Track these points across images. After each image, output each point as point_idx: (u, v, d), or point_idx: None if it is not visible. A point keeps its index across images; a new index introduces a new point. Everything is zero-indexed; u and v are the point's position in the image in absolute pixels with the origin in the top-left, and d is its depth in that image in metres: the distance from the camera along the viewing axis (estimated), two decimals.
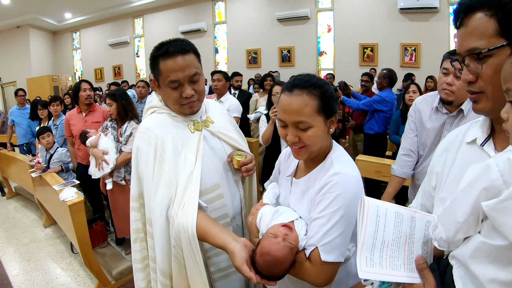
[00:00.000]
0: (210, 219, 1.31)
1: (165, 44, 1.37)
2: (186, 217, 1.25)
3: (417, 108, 2.17)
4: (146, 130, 1.40)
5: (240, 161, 1.50)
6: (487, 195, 0.67)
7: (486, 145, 0.87)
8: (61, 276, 3.27)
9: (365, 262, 0.83)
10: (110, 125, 3.27)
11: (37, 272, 3.35)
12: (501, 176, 0.64)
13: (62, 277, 3.26)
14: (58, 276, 3.28)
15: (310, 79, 1.17)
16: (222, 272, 1.52)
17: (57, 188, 2.99)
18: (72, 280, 3.20)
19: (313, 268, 1.13)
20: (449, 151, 1.00)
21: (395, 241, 0.86)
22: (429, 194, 1.08)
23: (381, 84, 4.47)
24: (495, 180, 0.65)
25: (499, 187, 0.64)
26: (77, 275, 3.27)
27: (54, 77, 12.93)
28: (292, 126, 1.16)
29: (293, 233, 1.16)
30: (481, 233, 0.71)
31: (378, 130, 4.47)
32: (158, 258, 1.34)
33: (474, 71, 0.83)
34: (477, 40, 0.80)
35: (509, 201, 0.62)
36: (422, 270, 0.85)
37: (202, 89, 1.44)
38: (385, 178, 3.28)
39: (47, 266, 3.45)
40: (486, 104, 0.84)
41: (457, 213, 0.74)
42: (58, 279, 3.22)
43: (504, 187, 0.64)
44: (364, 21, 8.46)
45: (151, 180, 1.34)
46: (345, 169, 1.16)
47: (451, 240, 0.78)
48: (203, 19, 11.00)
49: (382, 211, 0.86)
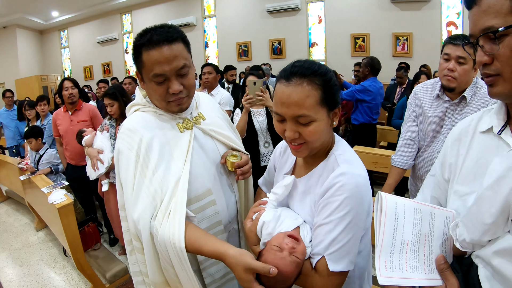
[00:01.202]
0: (200, 230, 1.17)
1: (149, 31, 1.19)
2: (173, 229, 1.11)
3: (417, 96, 2.11)
4: (128, 132, 1.25)
5: (234, 163, 1.36)
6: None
7: (504, 133, 0.80)
8: (55, 281, 3.22)
9: (384, 266, 0.77)
10: (108, 123, 3.09)
11: (30, 277, 3.29)
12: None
13: (56, 281, 3.21)
14: (52, 280, 3.22)
15: (311, 66, 1.02)
16: (217, 282, 1.38)
17: (46, 191, 2.91)
18: (66, 284, 3.15)
19: (320, 279, 1.03)
20: (462, 141, 0.94)
21: (415, 240, 0.80)
22: (443, 187, 1.01)
23: (364, 73, 4.40)
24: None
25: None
26: (71, 279, 3.22)
27: (43, 77, 12.73)
28: (291, 121, 1.02)
29: (300, 245, 1.05)
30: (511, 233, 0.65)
31: (363, 120, 4.40)
32: (150, 272, 1.21)
33: (490, 52, 0.76)
34: (493, 18, 0.74)
35: None
36: (443, 270, 0.80)
37: (191, 83, 1.27)
38: (382, 169, 3.25)
39: (41, 271, 3.39)
40: (504, 87, 0.77)
41: (483, 214, 0.68)
42: (52, 283, 3.17)
43: None
44: (355, 11, 8.37)
45: (132, 189, 1.18)
46: (352, 168, 1.03)
47: (476, 242, 0.72)
48: (192, 13, 10.85)
49: (401, 208, 0.80)
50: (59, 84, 3.71)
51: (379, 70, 4.30)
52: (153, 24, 1.24)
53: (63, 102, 3.73)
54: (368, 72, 4.31)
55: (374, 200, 0.82)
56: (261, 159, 2.94)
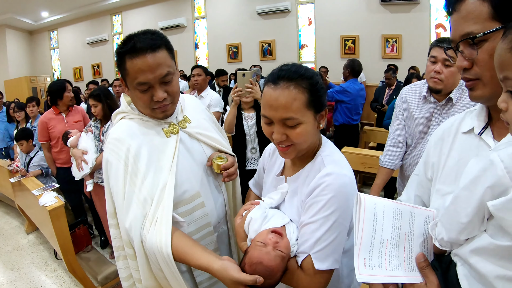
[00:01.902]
0: (188, 239, 1.18)
1: (132, 38, 1.18)
2: (160, 236, 1.13)
3: (404, 98, 2.15)
4: (115, 142, 1.24)
5: (220, 165, 1.37)
6: (492, 194, 0.63)
7: (484, 134, 0.84)
8: (46, 284, 3.20)
9: (363, 264, 0.79)
10: (93, 125, 3.15)
11: (21, 280, 3.26)
12: (508, 173, 0.60)
13: (47, 284, 3.19)
14: (43, 283, 3.20)
15: (298, 70, 1.04)
16: (208, 281, 1.41)
17: (37, 193, 2.90)
18: (57, 287, 3.14)
19: (306, 277, 1.05)
20: (444, 140, 0.97)
21: (394, 239, 0.82)
22: (426, 186, 1.04)
23: (345, 75, 4.50)
24: (501, 177, 0.61)
25: (507, 184, 0.60)
26: (62, 282, 3.21)
27: (32, 78, 12.59)
28: (278, 123, 1.04)
29: (283, 240, 1.07)
30: (487, 232, 0.67)
31: (343, 121, 4.51)
32: (143, 278, 1.23)
33: (469, 57, 0.80)
34: (472, 24, 0.78)
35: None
36: (423, 268, 0.82)
37: (175, 90, 1.28)
38: (371, 170, 3.30)
39: (32, 274, 3.36)
40: (483, 91, 0.81)
41: (459, 213, 0.70)
42: (43, 286, 3.16)
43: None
44: (345, 13, 8.43)
45: (122, 198, 1.19)
46: (338, 169, 1.06)
47: (454, 241, 0.74)
48: (182, 14, 10.81)
49: (380, 208, 0.82)
50: (60, 84, 3.61)
51: (360, 72, 4.42)
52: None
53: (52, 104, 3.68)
54: (348, 74, 4.41)
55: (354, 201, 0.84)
56: (247, 163, 2.95)
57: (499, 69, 0.68)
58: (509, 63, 0.64)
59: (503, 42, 0.66)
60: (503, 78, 0.67)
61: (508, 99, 0.66)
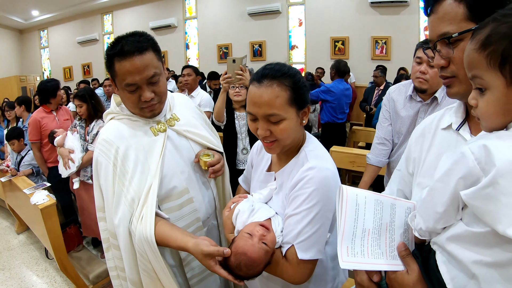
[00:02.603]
0: (169, 225, 1.25)
1: (120, 41, 1.23)
2: (145, 227, 1.20)
3: (391, 98, 2.21)
4: (104, 143, 1.30)
5: (207, 162, 1.42)
6: (465, 184, 0.66)
7: (462, 129, 0.88)
8: (38, 284, 3.19)
9: (346, 252, 0.82)
10: (78, 124, 3.22)
11: (12, 281, 3.25)
12: (478, 164, 0.64)
13: (39, 284, 3.18)
14: (34, 283, 3.20)
15: (281, 68, 1.10)
16: (198, 276, 1.46)
17: (28, 192, 2.90)
18: (48, 286, 3.14)
19: (290, 267, 1.10)
20: (425, 136, 1.01)
21: (376, 229, 0.86)
22: (407, 180, 1.08)
23: (331, 75, 4.64)
24: (472, 168, 0.65)
25: (478, 174, 0.64)
26: (53, 282, 3.20)
27: (22, 77, 12.41)
28: (262, 120, 1.10)
29: (270, 233, 1.11)
30: (463, 221, 0.71)
31: (327, 119, 4.64)
32: (126, 269, 1.30)
33: (446, 55, 0.85)
34: (448, 25, 0.83)
35: (489, 189, 0.62)
36: (404, 257, 0.85)
37: (163, 90, 1.33)
38: (359, 168, 3.36)
39: (23, 274, 3.35)
40: (459, 88, 0.86)
41: (435, 203, 0.74)
42: (34, 286, 3.15)
43: (483, 174, 0.63)
44: (335, 14, 8.49)
45: (112, 196, 1.27)
46: (320, 163, 1.12)
47: (431, 230, 0.78)
48: (173, 14, 10.79)
49: (361, 200, 0.85)
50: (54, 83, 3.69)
51: (345, 72, 4.54)
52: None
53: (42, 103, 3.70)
54: (334, 74, 4.54)
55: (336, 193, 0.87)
56: (238, 163, 2.97)
57: (468, 68, 0.73)
58: (477, 63, 0.69)
59: (471, 43, 0.71)
60: (472, 76, 0.71)
61: (477, 96, 0.71)
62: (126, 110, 1.38)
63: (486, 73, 0.68)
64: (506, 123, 0.69)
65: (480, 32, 0.69)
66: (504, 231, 0.60)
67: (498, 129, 0.70)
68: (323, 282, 1.28)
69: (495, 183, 0.60)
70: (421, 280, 0.80)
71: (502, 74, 0.66)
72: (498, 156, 0.61)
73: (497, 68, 0.66)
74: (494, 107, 0.68)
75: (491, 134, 0.69)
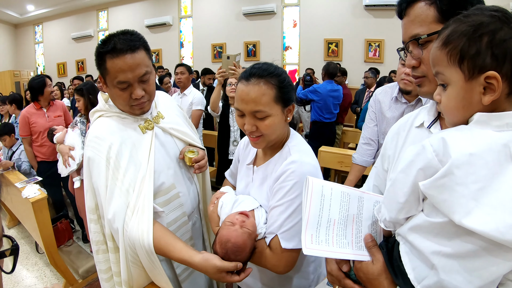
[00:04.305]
0: (168, 233, 1.27)
1: (112, 39, 1.25)
2: (142, 227, 1.21)
3: (377, 99, 2.25)
4: (95, 139, 1.31)
5: (192, 158, 1.47)
6: (425, 175, 0.70)
7: (433, 127, 0.91)
8: (27, 278, 3.20)
9: (310, 239, 0.86)
10: (79, 120, 3.18)
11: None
12: (436, 156, 0.67)
13: (28, 278, 3.19)
14: (24, 277, 3.20)
15: (268, 68, 1.17)
16: (187, 271, 1.50)
17: (20, 186, 2.90)
18: (38, 281, 3.14)
19: (274, 256, 1.16)
20: (400, 134, 1.05)
21: (342, 220, 0.89)
22: (382, 176, 1.12)
23: (322, 76, 4.77)
24: (431, 160, 0.68)
25: (436, 166, 0.67)
26: (43, 276, 3.22)
27: (16, 72, 12.35)
28: (249, 116, 1.16)
29: (249, 219, 1.18)
30: (423, 212, 0.75)
31: (315, 118, 4.78)
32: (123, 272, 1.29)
33: (417, 56, 0.89)
34: (419, 27, 0.88)
35: (444, 179, 0.65)
36: (370, 248, 0.89)
37: (152, 89, 1.37)
38: (347, 169, 3.41)
39: None
40: (429, 87, 0.90)
41: (397, 194, 0.77)
42: (25, 280, 3.15)
43: (440, 166, 0.66)
44: (330, 16, 8.54)
45: (105, 192, 1.26)
46: (302, 157, 1.18)
47: (394, 221, 0.81)
48: (168, 13, 10.79)
49: (327, 191, 0.89)
50: (40, 80, 3.66)
51: (334, 74, 4.64)
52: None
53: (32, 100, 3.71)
54: (324, 75, 4.67)
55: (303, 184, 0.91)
56: (230, 153, 3.23)
57: (432, 65, 0.77)
58: (439, 59, 0.74)
59: (435, 42, 0.76)
60: (436, 73, 0.77)
61: (441, 92, 0.76)
62: (115, 108, 1.40)
63: (447, 69, 0.73)
64: (467, 117, 0.72)
65: (443, 31, 0.74)
66: (460, 221, 0.63)
67: (460, 124, 0.73)
68: (305, 274, 1.34)
69: (450, 173, 0.64)
70: (386, 270, 0.84)
71: (461, 69, 0.70)
72: (454, 148, 0.65)
73: (456, 64, 0.71)
74: (455, 101, 0.73)
75: (452, 128, 0.73)
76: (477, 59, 0.68)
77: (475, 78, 0.69)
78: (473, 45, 0.68)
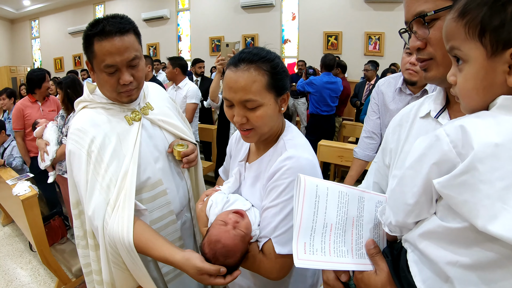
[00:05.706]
0: (150, 230, 1.19)
1: (101, 22, 1.18)
2: (121, 224, 1.14)
3: (379, 90, 2.15)
4: (77, 132, 1.24)
5: (181, 152, 1.39)
6: (439, 171, 0.59)
7: (441, 117, 0.82)
8: (21, 276, 3.15)
9: (303, 248, 0.74)
10: (60, 114, 3.14)
11: None
12: (454, 148, 0.57)
13: (22, 277, 3.14)
14: (18, 276, 3.15)
15: (259, 52, 1.04)
16: (175, 271, 1.42)
17: (11, 183, 2.84)
18: (32, 279, 3.09)
19: (267, 262, 1.05)
20: (402, 126, 0.95)
21: (340, 224, 0.78)
22: (383, 172, 1.03)
23: (320, 68, 4.79)
24: (447, 152, 0.58)
25: (453, 160, 0.57)
26: (37, 274, 3.17)
27: (12, 68, 12.29)
28: (239, 106, 1.04)
29: (244, 220, 1.06)
30: (436, 215, 0.64)
31: (312, 110, 4.80)
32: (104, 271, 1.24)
33: (422, 36, 0.78)
34: (423, 3, 0.76)
35: (466, 176, 0.55)
36: (373, 255, 0.78)
37: (141, 76, 1.29)
38: (348, 163, 3.35)
39: (7, 267, 3.31)
40: (437, 71, 0.79)
41: (405, 194, 0.67)
42: (18, 279, 3.10)
43: (459, 159, 0.56)
44: (329, 9, 8.45)
45: (85, 187, 1.19)
46: (298, 152, 1.06)
47: (402, 225, 0.71)
48: (166, 6, 10.69)
49: (323, 191, 0.77)
50: (40, 74, 3.64)
51: (331, 66, 4.60)
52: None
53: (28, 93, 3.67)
54: (321, 68, 4.66)
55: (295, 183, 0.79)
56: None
57: (446, 39, 0.66)
58: (455, 32, 0.64)
59: (450, 13, 0.65)
60: (450, 48, 0.66)
61: (456, 72, 0.65)
62: (100, 99, 1.33)
63: (465, 43, 0.62)
64: (487, 102, 0.61)
65: (459, 1, 0.64)
66: (484, 226, 0.53)
67: (479, 110, 0.62)
68: (303, 278, 1.24)
69: (473, 169, 0.54)
70: (391, 281, 0.73)
71: (482, 44, 0.59)
72: (476, 137, 0.55)
73: (476, 38, 0.60)
74: (474, 82, 0.62)
75: (470, 115, 0.62)
76: (501, 32, 0.57)
77: (498, 54, 0.58)
78: (496, 15, 0.57)
